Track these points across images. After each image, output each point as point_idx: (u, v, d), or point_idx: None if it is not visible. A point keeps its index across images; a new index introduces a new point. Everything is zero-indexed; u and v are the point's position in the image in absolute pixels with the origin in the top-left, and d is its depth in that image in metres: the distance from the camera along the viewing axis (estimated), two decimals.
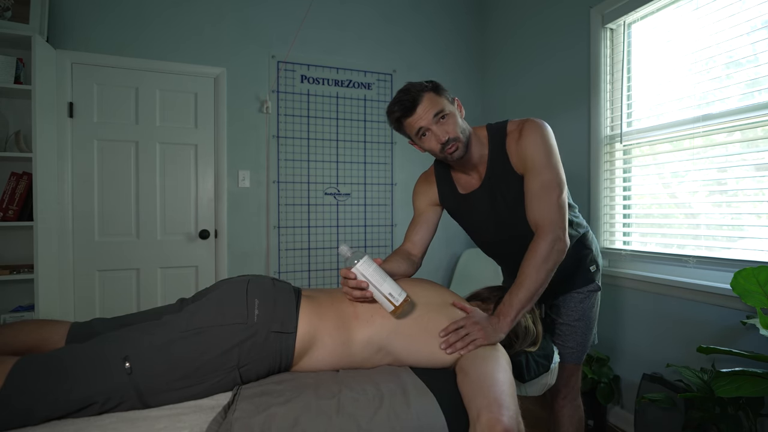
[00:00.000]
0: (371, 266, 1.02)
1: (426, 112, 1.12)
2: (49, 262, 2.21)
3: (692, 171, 1.82)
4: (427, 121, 1.12)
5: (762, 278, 1.32)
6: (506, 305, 1.08)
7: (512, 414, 0.81)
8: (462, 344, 1.01)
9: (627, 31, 2.12)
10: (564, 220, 1.13)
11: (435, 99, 1.13)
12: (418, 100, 1.12)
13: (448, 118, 1.14)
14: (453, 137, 1.14)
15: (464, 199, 1.30)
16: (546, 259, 1.09)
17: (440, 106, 1.13)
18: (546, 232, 1.10)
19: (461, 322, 1.04)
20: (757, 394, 1.22)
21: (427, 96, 1.12)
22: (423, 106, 1.12)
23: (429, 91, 1.13)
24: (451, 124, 1.14)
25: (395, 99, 1.15)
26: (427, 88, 1.14)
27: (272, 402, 0.85)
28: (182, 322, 0.94)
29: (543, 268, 1.09)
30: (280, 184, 2.77)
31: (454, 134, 1.14)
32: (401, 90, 1.16)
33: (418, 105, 1.12)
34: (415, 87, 1.14)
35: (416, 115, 1.13)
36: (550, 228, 1.11)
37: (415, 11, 3.09)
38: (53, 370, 0.85)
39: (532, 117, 1.22)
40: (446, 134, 1.13)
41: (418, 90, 1.13)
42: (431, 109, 1.12)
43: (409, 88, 1.14)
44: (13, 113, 2.24)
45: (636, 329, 2.03)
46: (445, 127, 1.13)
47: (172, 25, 2.53)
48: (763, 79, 1.58)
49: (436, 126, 1.13)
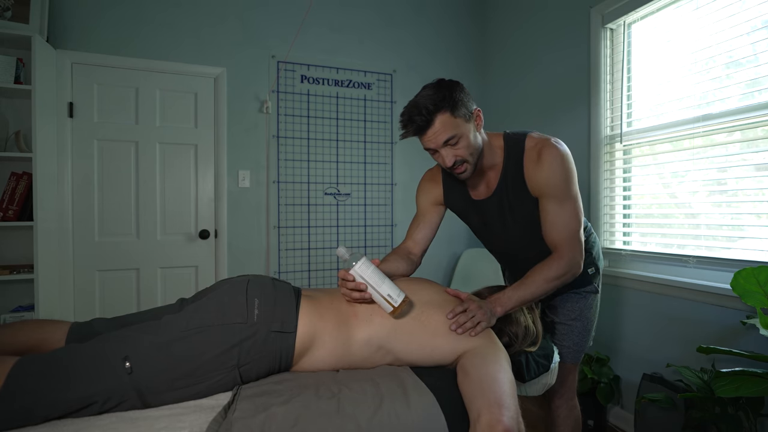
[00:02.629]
0: (369, 267, 1.02)
1: (436, 136, 1.09)
2: (49, 262, 2.21)
3: (692, 171, 1.82)
4: (437, 144, 1.10)
5: (762, 278, 1.32)
6: (506, 297, 1.12)
7: (513, 414, 0.81)
8: (471, 324, 1.03)
9: (627, 31, 2.12)
10: (582, 250, 1.17)
11: (449, 122, 1.08)
12: (431, 122, 1.07)
13: (460, 140, 1.10)
14: (461, 160, 1.13)
15: (473, 204, 1.30)
16: (558, 277, 1.14)
17: (452, 131, 1.08)
18: (566, 254, 1.14)
19: (466, 305, 1.07)
20: (757, 394, 1.23)
21: (440, 119, 1.07)
22: (434, 129, 1.08)
23: (445, 111, 1.07)
24: (461, 147, 1.11)
25: (409, 114, 1.09)
26: (442, 108, 1.07)
27: (272, 402, 0.85)
28: (182, 322, 0.94)
29: (552, 283, 1.14)
30: (280, 184, 2.77)
31: (462, 157, 1.12)
32: (415, 105, 1.08)
33: (429, 128, 1.08)
34: (431, 105, 1.06)
35: (426, 137, 1.10)
36: (570, 253, 1.14)
37: (415, 11, 3.09)
38: (53, 370, 0.85)
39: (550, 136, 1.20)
40: (454, 158, 1.12)
41: (432, 111, 1.06)
42: (443, 134, 1.08)
43: (425, 106, 1.07)
44: (13, 113, 2.24)
45: (636, 329, 2.03)
46: (454, 150, 1.11)
47: (172, 25, 2.53)
48: (763, 79, 1.58)
49: (444, 149, 1.11)
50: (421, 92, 1.11)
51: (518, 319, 1.16)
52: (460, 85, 1.12)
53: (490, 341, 1.02)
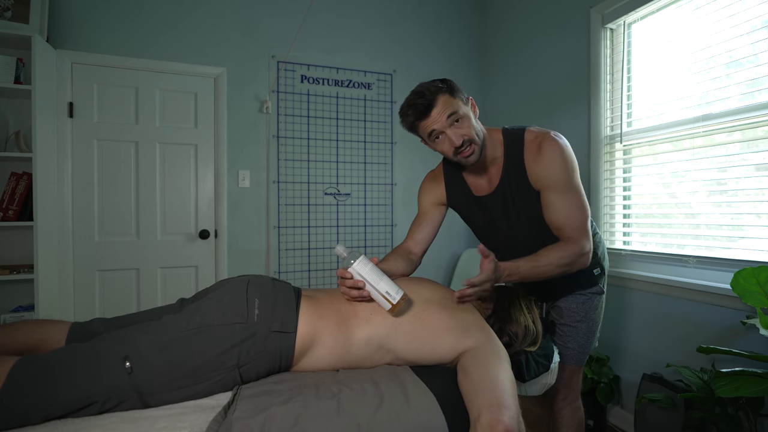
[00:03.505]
0: (367, 265, 1.03)
1: (440, 115, 1.10)
2: (49, 262, 2.21)
3: (692, 171, 1.82)
4: (441, 124, 1.11)
5: (762, 278, 1.32)
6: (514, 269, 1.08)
7: (513, 414, 0.81)
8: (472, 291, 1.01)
9: (627, 31, 2.12)
10: (591, 241, 1.17)
11: (449, 101, 1.10)
12: (433, 103, 1.09)
13: (463, 120, 1.12)
14: (468, 140, 1.13)
15: (477, 201, 1.30)
16: (568, 263, 1.13)
17: (454, 107, 1.10)
18: (575, 240, 1.13)
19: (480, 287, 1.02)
20: (757, 394, 1.23)
21: (441, 98, 1.10)
22: (437, 109, 1.10)
23: (444, 92, 1.10)
24: (466, 126, 1.12)
25: (409, 102, 1.12)
26: (442, 90, 1.11)
27: (272, 402, 0.85)
28: (182, 322, 0.94)
29: (561, 268, 1.12)
30: (280, 184, 2.77)
31: (469, 136, 1.12)
32: (415, 92, 1.12)
33: (432, 108, 1.10)
34: (430, 89, 1.10)
35: (430, 119, 1.11)
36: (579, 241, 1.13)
37: (415, 11, 3.09)
38: (53, 370, 0.85)
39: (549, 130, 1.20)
40: (461, 137, 1.12)
41: (432, 92, 1.10)
42: (445, 111, 1.10)
43: (423, 91, 1.11)
44: (13, 113, 2.24)
45: (636, 329, 2.03)
46: (459, 129, 1.12)
47: (172, 25, 2.53)
48: (763, 79, 1.58)
49: (450, 129, 1.11)
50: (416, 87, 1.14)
51: (518, 318, 1.16)
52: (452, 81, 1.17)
53: (490, 340, 1.02)
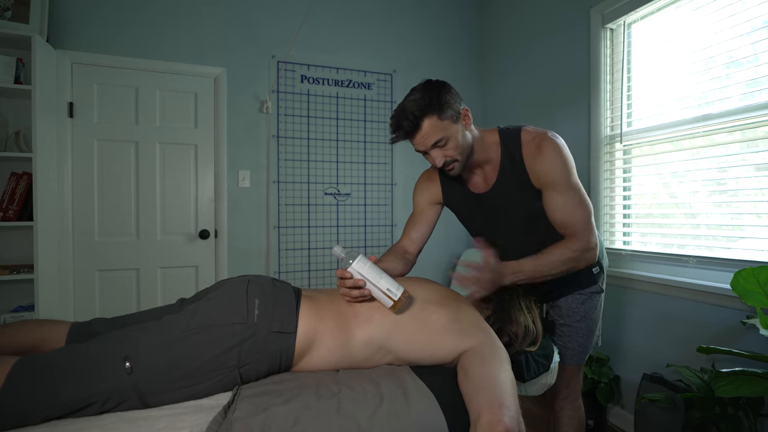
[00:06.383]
0: (366, 264, 1.03)
1: (425, 140, 1.12)
2: (49, 262, 2.21)
3: (692, 171, 1.82)
4: (425, 147, 1.13)
5: (762, 278, 1.32)
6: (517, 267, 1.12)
7: (513, 414, 0.81)
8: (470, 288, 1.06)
9: (627, 31, 2.12)
10: (596, 236, 1.17)
11: (436, 125, 1.10)
12: (418, 126, 1.10)
13: (449, 142, 1.13)
14: (451, 160, 1.15)
15: (474, 198, 1.30)
16: (575, 258, 1.14)
17: (439, 134, 1.11)
18: (579, 237, 1.14)
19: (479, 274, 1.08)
20: (757, 394, 1.23)
21: (427, 122, 1.09)
22: (422, 133, 1.10)
23: (431, 115, 1.09)
24: (450, 148, 1.14)
25: (397, 119, 1.11)
26: (428, 112, 1.08)
27: (272, 402, 0.85)
28: (182, 322, 0.94)
29: (565, 265, 1.14)
30: (280, 184, 2.77)
31: (452, 158, 1.15)
32: (403, 110, 1.10)
33: (417, 132, 1.11)
34: (416, 110, 1.08)
35: (415, 140, 1.13)
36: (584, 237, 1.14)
37: (416, 12, 3.09)
38: (53, 370, 0.85)
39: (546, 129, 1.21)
40: (444, 158, 1.15)
41: (417, 116, 1.08)
42: (431, 137, 1.11)
43: (408, 113, 1.09)
44: (13, 113, 2.24)
45: (636, 329, 2.03)
46: (443, 151, 1.14)
47: (172, 25, 2.53)
48: (763, 79, 1.58)
49: (434, 150, 1.14)
50: (408, 96, 1.12)
51: (518, 319, 1.16)
52: (447, 85, 1.14)
53: (490, 340, 1.02)
